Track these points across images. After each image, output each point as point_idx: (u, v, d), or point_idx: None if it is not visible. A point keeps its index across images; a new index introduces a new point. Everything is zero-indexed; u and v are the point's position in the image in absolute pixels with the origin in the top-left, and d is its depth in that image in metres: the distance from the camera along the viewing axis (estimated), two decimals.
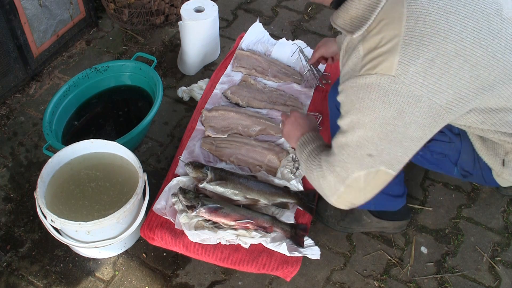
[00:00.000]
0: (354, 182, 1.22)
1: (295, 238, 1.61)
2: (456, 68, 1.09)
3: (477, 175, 1.45)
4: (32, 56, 2.27)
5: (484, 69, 1.11)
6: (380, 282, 1.70)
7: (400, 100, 1.09)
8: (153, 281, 1.70)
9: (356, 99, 1.14)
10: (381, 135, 1.14)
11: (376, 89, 1.10)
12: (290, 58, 2.23)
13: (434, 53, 1.07)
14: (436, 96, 1.10)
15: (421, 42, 1.07)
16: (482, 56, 1.10)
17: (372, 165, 1.18)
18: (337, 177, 1.24)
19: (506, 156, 1.34)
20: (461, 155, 1.42)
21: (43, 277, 1.71)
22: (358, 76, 1.13)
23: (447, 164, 1.47)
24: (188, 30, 2.24)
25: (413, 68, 1.07)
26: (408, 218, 1.79)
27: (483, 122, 1.23)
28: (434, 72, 1.08)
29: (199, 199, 1.60)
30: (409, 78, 1.07)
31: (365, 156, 1.18)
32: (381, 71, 1.09)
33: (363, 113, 1.14)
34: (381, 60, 1.09)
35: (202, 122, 1.96)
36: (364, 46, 1.13)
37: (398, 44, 1.07)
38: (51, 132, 1.89)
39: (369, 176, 1.20)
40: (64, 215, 1.59)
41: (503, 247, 1.79)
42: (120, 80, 2.18)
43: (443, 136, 1.40)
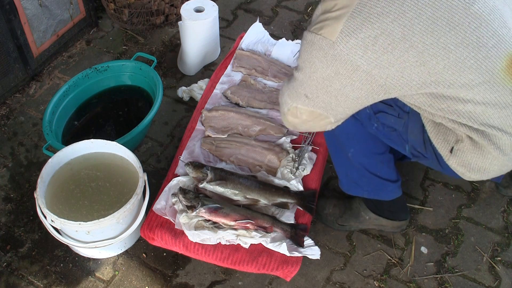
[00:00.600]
0: (295, 110, 1.35)
1: (295, 238, 1.61)
2: (400, 50, 1.12)
3: (432, 159, 1.43)
4: (32, 56, 2.27)
5: (431, 58, 1.13)
6: (380, 282, 1.70)
7: (337, 64, 1.17)
8: (153, 281, 1.70)
9: (303, 50, 1.25)
10: (318, 86, 1.25)
11: (317, 49, 1.19)
12: (290, 58, 2.23)
13: (378, 32, 1.12)
14: (376, 69, 1.15)
15: (366, 19, 1.12)
16: (431, 45, 1.11)
17: (308, 103, 1.30)
18: (284, 100, 1.37)
19: (456, 144, 1.32)
20: (409, 133, 1.43)
21: (43, 277, 1.71)
22: (309, 31, 1.22)
23: (399, 140, 1.48)
24: (188, 30, 2.24)
25: (353, 40, 1.13)
26: (407, 218, 1.78)
27: (431, 105, 1.24)
28: (376, 49, 1.13)
29: (199, 199, 1.60)
30: (348, 48, 1.14)
31: (302, 94, 1.29)
32: (324, 34, 1.17)
33: (305, 62, 1.25)
34: (327, 24, 1.17)
35: (202, 122, 1.96)
36: (322, 6, 1.22)
37: (345, 14, 1.14)
38: (51, 132, 1.89)
39: (308, 112, 1.33)
40: (64, 215, 1.59)
41: (503, 247, 1.79)
42: (120, 80, 2.18)
43: (391, 110, 1.42)
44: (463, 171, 1.36)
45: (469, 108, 1.21)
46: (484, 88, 1.17)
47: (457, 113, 1.22)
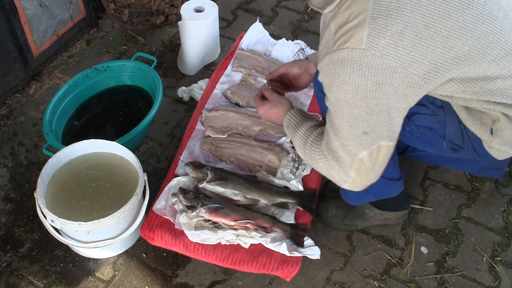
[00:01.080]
0: (361, 163, 1.23)
1: (295, 238, 1.61)
2: (427, 40, 1.11)
3: (468, 148, 1.43)
4: (32, 56, 2.27)
5: (456, 40, 1.12)
6: (380, 282, 1.70)
7: (375, 72, 1.11)
8: (153, 281, 1.70)
9: (334, 76, 1.16)
10: (367, 110, 1.16)
11: (349, 63, 1.12)
12: (290, 58, 2.23)
13: (402, 26, 1.09)
14: (412, 66, 1.12)
15: (388, 16, 1.09)
16: (453, 27, 1.11)
17: (371, 142, 1.20)
18: (343, 164, 1.25)
19: (494, 125, 1.33)
20: (446, 127, 1.41)
21: (43, 277, 1.71)
22: (331, 53, 1.15)
23: (435, 138, 1.46)
24: (188, 30, 2.24)
25: (382, 40, 1.09)
26: (409, 207, 1.80)
27: (464, 91, 1.23)
28: (405, 44, 1.10)
29: (199, 199, 1.60)
30: (380, 50, 1.10)
31: (361, 135, 1.19)
32: (352, 45, 1.11)
33: (343, 89, 1.16)
34: (351, 35, 1.11)
35: (202, 122, 1.96)
36: (335, 22, 1.16)
37: (366, 18, 1.10)
38: (51, 132, 1.89)
39: (372, 154, 1.22)
40: (64, 215, 1.59)
41: (503, 247, 1.79)
42: (120, 80, 2.18)
43: (425, 109, 1.40)
44: (507, 149, 1.37)
45: (499, 85, 1.21)
46: (508, 61, 1.19)
47: (490, 92, 1.23)
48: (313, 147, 1.34)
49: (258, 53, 2.24)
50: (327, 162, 1.29)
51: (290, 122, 1.47)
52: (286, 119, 1.49)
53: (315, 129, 1.39)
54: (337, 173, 1.28)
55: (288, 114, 1.49)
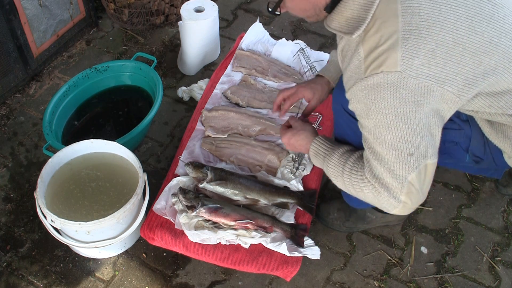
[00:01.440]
0: (411, 186, 1.19)
1: (295, 238, 1.61)
2: (457, 56, 1.11)
3: (487, 160, 1.44)
4: (32, 56, 2.27)
5: (484, 55, 1.13)
6: (380, 282, 1.70)
7: (413, 93, 1.10)
8: (153, 281, 1.70)
9: (371, 102, 1.14)
10: (410, 131, 1.14)
11: (386, 87, 1.11)
12: (290, 58, 2.23)
13: (433, 44, 1.09)
14: (447, 84, 1.12)
15: (419, 35, 1.09)
16: (480, 43, 1.12)
17: (418, 162, 1.17)
18: (392, 190, 1.20)
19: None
20: (471, 141, 1.41)
21: (43, 277, 1.71)
22: (364, 78, 1.13)
23: (459, 152, 1.45)
24: (188, 30, 2.24)
25: (417, 61, 1.09)
26: None
27: (490, 105, 1.24)
28: (437, 62, 1.10)
29: (199, 199, 1.60)
30: (415, 71, 1.09)
31: (407, 157, 1.16)
32: (386, 69, 1.10)
33: (382, 113, 1.13)
34: (385, 58, 1.10)
35: (202, 122, 1.96)
36: (364, 47, 1.14)
37: (398, 40, 1.09)
38: (51, 132, 1.89)
39: (420, 174, 1.19)
40: (64, 214, 1.59)
41: (503, 247, 1.79)
42: (120, 80, 2.18)
43: (453, 124, 1.40)
44: None
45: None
46: None
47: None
48: (353, 175, 1.27)
49: (258, 53, 2.24)
50: (374, 190, 1.23)
51: (319, 151, 1.40)
52: (313, 148, 1.42)
53: (349, 155, 1.32)
54: (386, 199, 1.22)
55: (315, 142, 1.42)
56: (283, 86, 2.12)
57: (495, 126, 1.36)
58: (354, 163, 1.29)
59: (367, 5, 1.14)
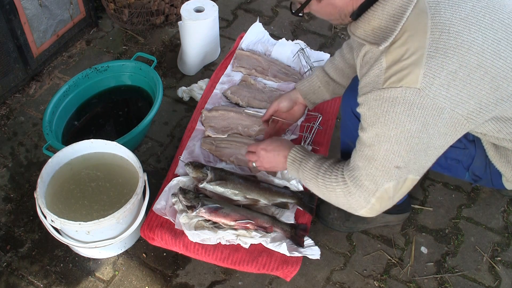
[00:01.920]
0: (384, 193, 1.21)
1: (295, 238, 1.61)
2: (477, 80, 1.08)
3: (486, 179, 1.45)
4: (32, 56, 2.27)
5: (503, 80, 1.11)
6: (380, 282, 1.70)
7: (424, 113, 1.09)
8: (153, 281, 1.70)
9: (381, 113, 1.13)
10: (407, 148, 1.14)
11: (401, 103, 1.09)
12: (290, 58, 2.23)
13: (457, 65, 1.07)
14: (459, 107, 1.10)
15: (445, 55, 1.06)
16: (502, 68, 1.10)
17: (400, 175, 1.19)
18: (366, 191, 1.22)
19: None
20: (474, 161, 1.42)
21: (43, 277, 1.71)
22: (382, 89, 1.12)
23: (460, 170, 1.47)
24: (188, 30, 2.24)
25: (437, 80, 1.07)
26: (410, 209, 1.81)
27: (500, 130, 1.23)
28: (456, 84, 1.08)
29: (199, 199, 1.60)
30: (433, 91, 1.07)
31: (392, 168, 1.17)
32: (406, 84, 1.08)
33: (389, 126, 1.13)
34: (407, 73, 1.08)
35: (202, 122, 1.96)
36: (387, 58, 1.12)
37: (423, 56, 1.07)
38: (51, 132, 1.89)
39: (398, 185, 1.21)
40: (63, 214, 1.59)
41: (503, 247, 1.79)
42: (120, 80, 2.18)
43: (458, 143, 1.39)
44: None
45: None
46: None
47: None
48: (327, 177, 1.31)
49: (258, 53, 2.24)
50: (346, 189, 1.26)
51: (296, 157, 1.44)
52: (291, 155, 1.45)
53: (324, 161, 1.36)
54: (356, 199, 1.25)
55: (293, 151, 1.46)
56: (283, 86, 2.12)
57: (499, 150, 1.35)
58: (329, 167, 1.33)
59: (397, 16, 1.11)
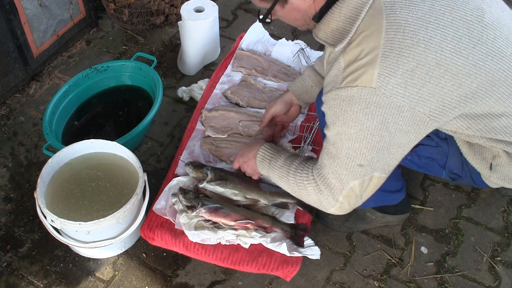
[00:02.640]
0: (351, 191, 1.23)
1: (295, 238, 1.61)
2: (437, 78, 1.09)
3: (466, 177, 1.45)
4: (32, 56, 2.27)
5: (466, 78, 1.11)
6: (380, 282, 1.70)
7: (382, 111, 1.10)
8: (153, 281, 1.70)
9: (340, 111, 1.15)
10: (368, 146, 1.15)
11: (358, 102, 1.11)
12: (290, 58, 2.23)
13: (414, 64, 1.08)
14: (419, 105, 1.11)
15: (400, 54, 1.08)
16: (463, 65, 1.10)
17: (365, 173, 1.20)
18: (333, 190, 1.24)
19: (494, 160, 1.34)
20: (448, 159, 1.42)
21: (43, 277, 1.71)
22: (339, 88, 1.14)
23: (436, 168, 1.47)
24: (188, 30, 2.24)
25: (393, 80, 1.08)
26: (410, 210, 1.81)
27: (469, 128, 1.23)
28: (415, 83, 1.09)
29: (199, 199, 1.60)
30: (389, 90, 1.08)
31: (356, 166, 1.19)
32: (361, 84, 1.10)
33: (348, 125, 1.15)
34: (362, 73, 1.10)
35: (202, 122, 1.96)
36: (344, 58, 1.14)
37: (377, 56, 1.08)
38: (51, 132, 1.89)
39: (363, 183, 1.22)
40: (63, 214, 1.59)
41: (503, 247, 1.79)
42: (120, 80, 2.18)
43: (430, 141, 1.40)
44: (503, 183, 1.38)
45: (504, 123, 1.21)
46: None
47: (494, 130, 1.23)
48: (298, 175, 1.32)
49: (258, 53, 2.24)
50: (317, 187, 1.27)
51: (265, 156, 1.45)
52: (260, 154, 1.47)
53: (294, 159, 1.37)
54: (325, 197, 1.27)
55: (261, 149, 1.47)
56: (283, 86, 2.12)
57: (473, 148, 1.35)
58: (299, 165, 1.34)
59: (353, 18, 1.13)
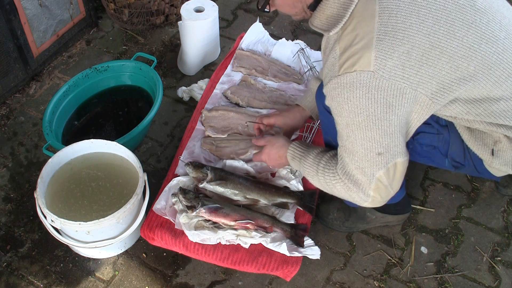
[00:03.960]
0: (379, 183, 1.23)
1: (295, 238, 1.61)
2: (433, 60, 1.11)
3: (469, 166, 1.45)
4: (32, 56, 2.27)
5: (462, 60, 1.13)
6: (380, 282, 1.70)
7: (385, 95, 1.11)
8: (153, 281, 1.70)
9: (343, 100, 1.15)
10: (380, 132, 1.16)
11: (359, 87, 1.12)
12: (290, 58, 2.23)
13: (409, 46, 1.09)
14: (420, 87, 1.12)
15: (394, 37, 1.09)
16: (458, 47, 1.12)
17: (387, 161, 1.20)
18: (361, 185, 1.25)
19: (495, 146, 1.34)
20: (450, 146, 1.42)
21: (43, 277, 1.71)
22: (338, 76, 1.14)
23: (438, 156, 1.47)
24: (188, 30, 2.24)
25: (390, 62, 1.09)
26: (410, 210, 1.81)
27: (468, 112, 1.24)
28: (412, 64, 1.10)
29: (199, 199, 1.60)
30: (388, 72, 1.10)
31: (375, 156, 1.19)
32: (359, 68, 1.11)
33: (354, 113, 1.15)
34: (359, 57, 1.11)
35: (202, 122, 1.96)
36: (340, 45, 1.15)
37: (372, 39, 1.10)
38: (51, 132, 1.89)
39: (389, 172, 1.22)
40: (63, 214, 1.59)
41: (503, 247, 1.79)
42: (120, 80, 2.18)
43: (430, 128, 1.41)
44: (506, 169, 1.38)
45: (503, 106, 1.22)
46: (510, 82, 1.19)
47: (493, 114, 1.24)
48: (326, 173, 1.33)
49: (258, 53, 2.24)
50: (345, 186, 1.28)
51: (295, 154, 1.46)
52: (290, 152, 1.48)
53: (323, 155, 1.38)
54: (356, 194, 1.28)
55: (291, 147, 1.48)
56: (283, 86, 2.12)
57: (474, 133, 1.36)
58: (327, 162, 1.34)
59: (346, 4, 1.15)
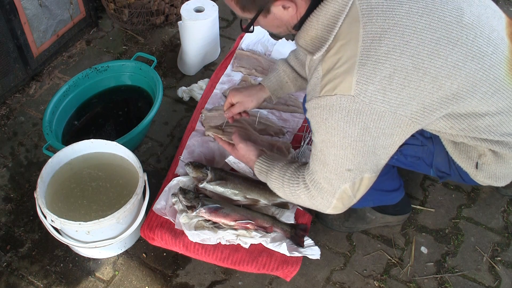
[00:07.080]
0: (343, 193, 1.26)
1: (295, 238, 1.61)
2: (416, 81, 1.10)
3: (455, 175, 1.46)
4: (32, 56, 2.27)
5: (446, 79, 1.12)
6: (380, 282, 1.70)
7: (363, 118, 1.12)
8: (153, 281, 1.70)
9: (321, 120, 1.17)
10: (354, 152, 1.17)
11: (338, 110, 1.12)
12: None
13: (391, 70, 1.09)
14: (400, 109, 1.11)
15: (377, 61, 1.08)
16: (442, 67, 1.11)
17: (354, 176, 1.22)
18: (325, 193, 1.27)
19: (480, 159, 1.34)
20: (435, 157, 1.43)
21: (43, 277, 1.71)
22: (319, 97, 1.15)
23: (423, 166, 1.48)
24: (188, 30, 2.24)
25: (371, 87, 1.09)
26: (410, 210, 1.81)
27: (452, 127, 1.24)
28: (393, 88, 1.09)
29: (199, 199, 1.60)
30: (368, 97, 1.09)
31: (345, 171, 1.21)
32: (340, 92, 1.11)
33: (331, 133, 1.17)
34: (340, 81, 1.11)
35: (202, 122, 1.96)
36: (323, 66, 1.15)
37: (354, 64, 1.09)
38: (51, 132, 1.89)
39: (355, 185, 1.25)
40: (63, 214, 1.59)
41: (503, 247, 1.79)
42: (120, 80, 2.18)
43: (415, 140, 1.41)
44: (490, 182, 1.38)
45: (487, 122, 1.22)
46: (497, 98, 1.18)
47: (478, 129, 1.23)
48: (291, 183, 1.35)
49: (258, 53, 2.24)
50: (309, 194, 1.30)
51: (262, 169, 1.48)
52: (256, 167, 1.50)
53: (288, 167, 1.39)
54: (319, 201, 1.30)
55: (257, 162, 1.50)
56: None
57: (458, 147, 1.36)
58: (292, 174, 1.36)
59: (330, 26, 1.14)
